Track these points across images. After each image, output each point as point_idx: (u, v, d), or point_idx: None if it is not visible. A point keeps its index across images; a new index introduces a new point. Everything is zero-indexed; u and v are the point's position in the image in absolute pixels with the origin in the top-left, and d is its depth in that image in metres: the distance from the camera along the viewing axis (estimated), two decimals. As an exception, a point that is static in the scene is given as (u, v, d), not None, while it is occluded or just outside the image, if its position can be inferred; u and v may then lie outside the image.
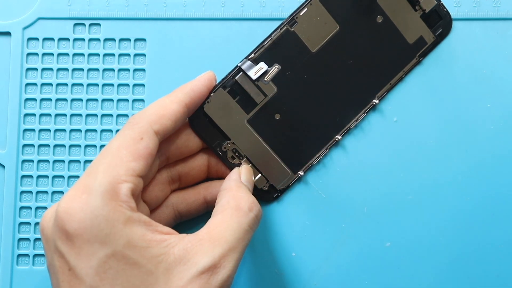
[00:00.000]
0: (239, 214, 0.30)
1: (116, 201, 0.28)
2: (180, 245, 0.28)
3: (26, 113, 0.37)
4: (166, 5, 0.38)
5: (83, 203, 0.28)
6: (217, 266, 0.28)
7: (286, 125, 0.36)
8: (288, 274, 0.36)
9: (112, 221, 0.27)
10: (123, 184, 0.28)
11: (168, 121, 0.31)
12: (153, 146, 0.30)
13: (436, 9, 0.36)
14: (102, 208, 0.27)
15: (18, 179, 0.37)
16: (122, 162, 0.29)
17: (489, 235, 0.36)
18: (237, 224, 0.30)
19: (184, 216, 0.36)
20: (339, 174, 0.37)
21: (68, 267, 0.27)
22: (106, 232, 0.27)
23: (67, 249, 0.27)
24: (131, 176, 0.29)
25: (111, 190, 0.28)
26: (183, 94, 0.33)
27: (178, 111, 0.32)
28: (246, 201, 0.31)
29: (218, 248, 0.28)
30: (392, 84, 0.37)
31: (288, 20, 0.35)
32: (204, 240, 0.28)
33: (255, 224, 0.31)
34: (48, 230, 0.29)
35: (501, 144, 0.37)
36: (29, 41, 0.38)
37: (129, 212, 0.28)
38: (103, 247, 0.27)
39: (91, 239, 0.27)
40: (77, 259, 0.27)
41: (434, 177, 0.37)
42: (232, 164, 0.35)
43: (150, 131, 0.31)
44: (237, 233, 0.29)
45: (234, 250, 0.29)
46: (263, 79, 0.34)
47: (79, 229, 0.27)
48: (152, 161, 0.31)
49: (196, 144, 0.35)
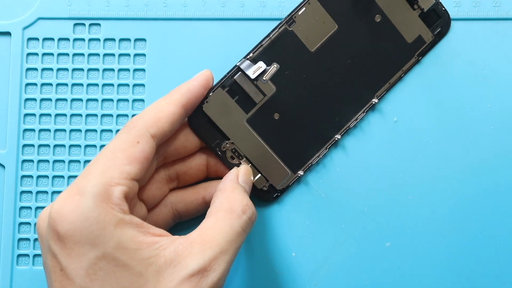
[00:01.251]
0: (232, 217, 0.30)
1: (108, 203, 0.28)
2: (172, 247, 0.28)
3: (26, 113, 0.37)
4: (166, 5, 0.38)
5: (75, 205, 0.28)
6: (208, 269, 0.28)
7: (285, 125, 0.36)
8: (288, 274, 0.36)
9: (103, 223, 0.27)
10: (116, 187, 0.29)
11: (165, 124, 0.31)
12: (150, 150, 0.31)
13: (435, 8, 0.36)
14: (93, 210, 0.28)
15: (18, 179, 0.37)
16: (117, 165, 0.29)
17: (489, 235, 0.36)
18: (230, 227, 0.29)
19: (183, 216, 0.35)
20: (339, 174, 0.37)
21: (60, 267, 0.28)
22: (96, 234, 0.27)
23: (58, 250, 0.28)
24: (125, 179, 0.29)
25: (104, 193, 0.28)
26: (180, 95, 0.33)
27: (175, 113, 0.32)
28: (240, 203, 0.31)
29: (209, 250, 0.28)
30: (391, 83, 0.37)
31: (287, 20, 0.35)
32: (195, 242, 0.28)
33: (248, 227, 0.31)
34: (43, 230, 0.29)
35: (501, 144, 0.37)
36: (29, 41, 0.38)
37: (120, 214, 0.28)
38: (94, 249, 0.27)
39: (82, 240, 0.27)
40: (68, 260, 0.27)
41: (434, 177, 0.37)
42: (232, 164, 0.35)
43: (147, 134, 0.31)
44: (229, 236, 0.29)
45: (226, 253, 0.29)
46: (262, 78, 0.34)
47: (70, 230, 0.27)
48: (149, 164, 0.31)
49: (195, 144, 0.35)
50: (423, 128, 0.37)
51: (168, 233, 0.30)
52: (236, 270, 0.36)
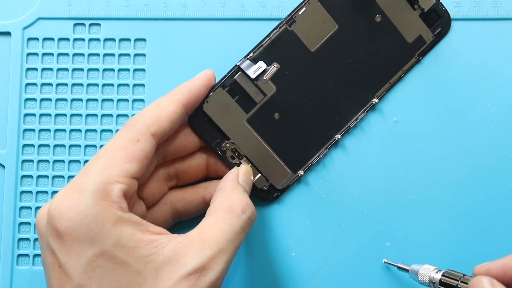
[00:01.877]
0: (231, 216, 0.30)
1: (107, 201, 0.28)
2: (170, 245, 0.28)
3: (26, 113, 0.37)
4: (166, 5, 0.38)
5: (74, 202, 0.28)
6: (206, 268, 0.28)
7: (285, 125, 0.36)
8: (288, 274, 0.36)
9: (102, 220, 0.28)
10: (115, 185, 0.29)
11: (165, 123, 0.31)
12: (149, 148, 0.31)
13: (435, 8, 0.37)
14: (92, 208, 0.28)
15: (18, 179, 0.37)
16: (116, 163, 0.29)
17: (489, 235, 0.36)
18: (229, 226, 0.29)
19: (183, 215, 0.35)
20: (339, 174, 0.37)
21: (58, 264, 0.28)
22: (95, 232, 0.27)
23: (57, 246, 0.28)
24: (124, 177, 0.29)
25: (103, 190, 0.28)
26: (181, 94, 0.33)
27: (175, 112, 0.32)
28: (239, 202, 0.31)
29: (207, 249, 0.28)
30: (391, 83, 0.37)
31: (287, 19, 0.35)
32: (194, 241, 0.28)
33: (247, 226, 0.31)
34: (42, 226, 0.29)
35: (501, 144, 0.37)
36: (29, 41, 0.38)
37: (119, 212, 0.28)
38: (92, 246, 0.27)
39: (80, 237, 0.27)
40: (67, 257, 0.27)
41: (434, 177, 0.37)
42: (232, 163, 0.35)
43: (147, 133, 0.31)
44: (228, 235, 0.29)
45: (224, 252, 0.29)
46: (262, 78, 0.34)
47: (69, 227, 0.27)
48: (148, 163, 0.31)
49: (194, 144, 0.35)
50: (423, 128, 0.37)
51: (167, 231, 0.30)
52: (236, 270, 0.36)
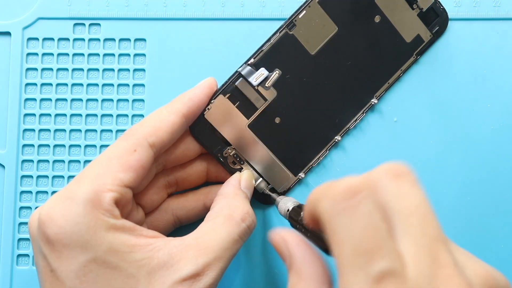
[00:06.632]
0: (230, 224, 0.30)
1: (99, 209, 0.28)
2: (165, 249, 0.28)
3: (26, 113, 0.37)
4: (166, 5, 0.38)
5: (65, 209, 0.28)
6: (200, 274, 0.28)
7: (286, 128, 0.36)
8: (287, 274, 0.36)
9: (94, 228, 0.27)
10: (107, 193, 0.28)
11: (164, 134, 0.31)
12: (146, 159, 0.30)
13: (433, 7, 0.36)
14: (83, 216, 0.28)
15: (18, 179, 0.37)
16: (110, 172, 0.29)
17: (489, 235, 0.36)
18: (227, 234, 0.29)
19: (184, 221, 0.35)
20: (339, 174, 0.37)
21: (50, 268, 0.28)
22: (87, 238, 0.27)
23: (48, 252, 0.28)
24: (118, 186, 0.29)
25: (95, 199, 0.28)
26: (182, 104, 0.32)
27: (175, 122, 0.32)
28: (240, 210, 0.31)
29: (203, 256, 0.28)
30: (390, 83, 0.37)
31: (287, 23, 0.35)
32: (190, 246, 0.28)
33: (246, 235, 0.30)
34: (34, 230, 0.29)
35: (501, 144, 0.37)
36: (29, 41, 0.38)
37: (112, 220, 0.28)
38: (84, 252, 0.27)
39: (72, 244, 0.27)
40: (58, 262, 0.27)
41: (434, 177, 0.37)
42: (233, 169, 0.35)
43: (145, 143, 0.30)
44: (225, 243, 0.29)
45: (220, 259, 0.28)
46: (265, 84, 0.34)
47: (60, 234, 0.27)
48: (145, 173, 0.31)
49: (195, 151, 0.35)
50: (423, 128, 0.37)
51: (161, 234, 0.30)
52: (236, 270, 0.36)
